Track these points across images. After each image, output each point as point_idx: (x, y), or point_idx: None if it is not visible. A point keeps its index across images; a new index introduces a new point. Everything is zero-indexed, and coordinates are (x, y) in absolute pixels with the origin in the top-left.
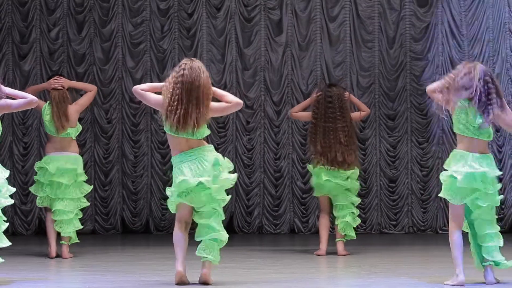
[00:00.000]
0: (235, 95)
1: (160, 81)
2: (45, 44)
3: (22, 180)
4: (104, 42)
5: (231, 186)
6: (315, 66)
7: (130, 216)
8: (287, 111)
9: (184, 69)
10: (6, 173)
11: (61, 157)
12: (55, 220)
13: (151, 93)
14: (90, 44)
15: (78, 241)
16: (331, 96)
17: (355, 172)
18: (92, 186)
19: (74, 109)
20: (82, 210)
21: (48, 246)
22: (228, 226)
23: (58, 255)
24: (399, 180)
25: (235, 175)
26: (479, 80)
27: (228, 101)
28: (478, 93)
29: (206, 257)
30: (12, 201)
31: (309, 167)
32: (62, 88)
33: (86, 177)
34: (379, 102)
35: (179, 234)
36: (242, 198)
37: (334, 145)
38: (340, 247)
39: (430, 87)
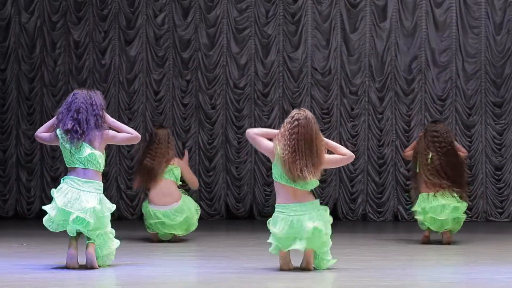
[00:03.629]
0: (340, 81)
1: (263, 67)
2: (151, 30)
3: (127, 165)
4: (209, 28)
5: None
6: (420, 52)
7: (234, 202)
8: (391, 97)
9: (299, 119)
10: (112, 207)
11: (167, 211)
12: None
13: (263, 138)
14: (196, 30)
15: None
16: (438, 131)
17: (463, 205)
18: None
19: (185, 169)
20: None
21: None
22: (332, 212)
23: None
24: (505, 168)
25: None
26: None
27: (342, 153)
28: None
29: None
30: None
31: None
32: (163, 138)
33: (199, 213)
34: (485, 89)
35: None
36: (346, 185)
37: (451, 175)
38: (445, 234)
39: None
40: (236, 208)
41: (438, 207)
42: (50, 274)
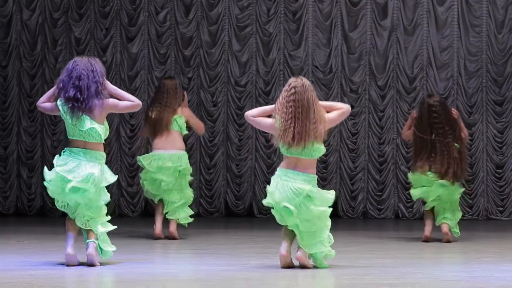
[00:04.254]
0: (340, 79)
1: (265, 64)
2: (152, 27)
3: (128, 162)
4: (211, 25)
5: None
6: (421, 51)
7: (234, 199)
8: (392, 95)
9: (296, 87)
10: (112, 178)
11: (163, 154)
12: (167, 212)
13: (262, 118)
14: (197, 27)
15: (186, 226)
16: (436, 111)
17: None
18: (193, 178)
19: (188, 113)
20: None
21: (154, 224)
22: (333, 210)
23: (166, 237)
24: (506, 166)
25: (328, 210)
26: None
27: (339, 108)
28: None
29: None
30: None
31: (410, 176)
32: (172, 88)
33: (191, 170)
34: (486, 88)
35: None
36: (346, 183)
37: (450, 161)
38: (444, 228)
39: None
40: (235, 205)
41: (432, 180)
42: (51, 271)
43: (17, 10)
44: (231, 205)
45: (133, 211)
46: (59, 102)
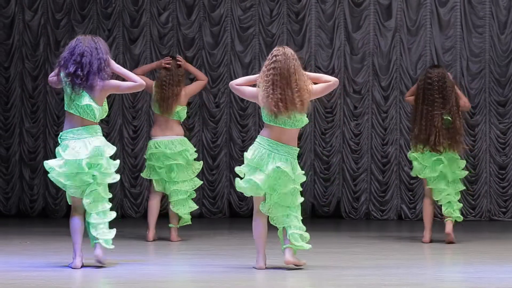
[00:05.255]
0: (343, 80)
1: None
2: (155, 28)
3: (131, 163)
4: (213, 26)
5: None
6: (425, 51)
7: (237, 200)
8: (396, 96)
9: (277, 55)
10: (112, 150)
11: (168, 141)
12: (170, 202)
13: (246, 86)
14: (200, 28)
15: (190, 223)
16: (431, 78)
17: (452, 157)
18: (201, 162)
19: (184, 93)
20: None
21: (147, 229)
22: (335, 211)
23: (163, 239)
24: (509, 167)
25: (299, 188)
26: None
27: (326, 81)
28: None
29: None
30: (118, 177)
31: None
32: (174, 66)
33: (196, 155)
34: (489, 88)
35: (260, 224)
36: (349, 184)
37: (431, 129)
38: (448, 228)
39: None
40: (239, 206)
41: (429, 156)
42: (54, 273)
43: (19, 11)
44: (235, 205)
45: (136, 212)
46: (62, 74)
